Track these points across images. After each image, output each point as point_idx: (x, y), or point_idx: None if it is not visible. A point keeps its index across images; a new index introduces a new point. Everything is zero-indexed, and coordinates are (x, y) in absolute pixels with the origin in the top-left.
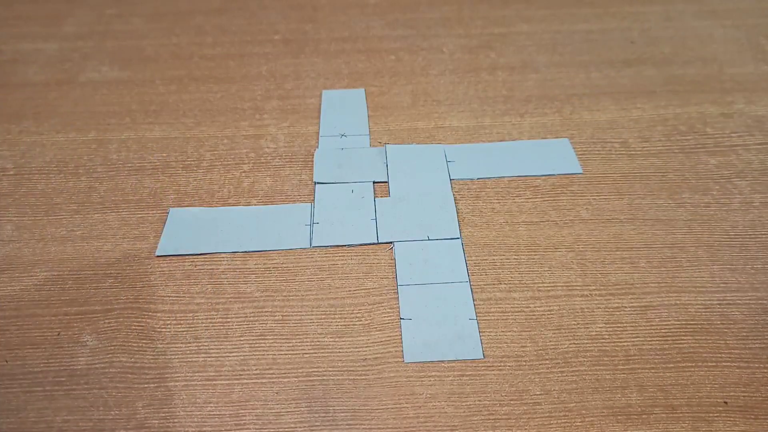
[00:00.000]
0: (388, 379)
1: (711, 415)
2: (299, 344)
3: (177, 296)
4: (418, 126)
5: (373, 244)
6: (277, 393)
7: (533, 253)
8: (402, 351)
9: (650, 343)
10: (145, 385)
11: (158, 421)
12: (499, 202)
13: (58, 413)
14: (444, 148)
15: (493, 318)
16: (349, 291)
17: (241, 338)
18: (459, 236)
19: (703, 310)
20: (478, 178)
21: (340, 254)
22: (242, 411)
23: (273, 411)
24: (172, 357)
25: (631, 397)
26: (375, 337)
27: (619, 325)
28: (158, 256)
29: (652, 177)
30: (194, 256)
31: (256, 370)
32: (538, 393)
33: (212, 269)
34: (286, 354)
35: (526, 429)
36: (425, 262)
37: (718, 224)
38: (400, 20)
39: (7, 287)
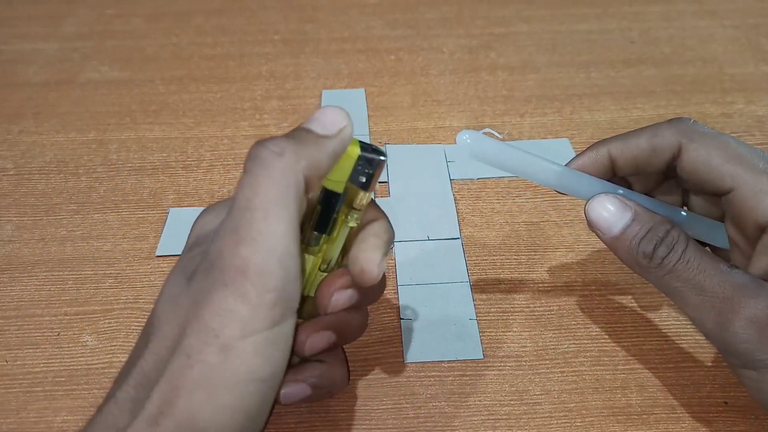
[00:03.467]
0: (388, 379)
1: (711, 415)
2: None
3: None
4: (418, 126)
5: None
6: None
7: (533, 253)
8: (402, 351)
9: (650, 343)
10: None
11: None
12: (499, 202)
13: (58, 413)
14: (444, 148)
15: (493, 318)
16: None
17: None
18: (459, 236)
19: None
20: (478, 178)
21: None
22: None
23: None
24: None
25: (631, 397)
26: (375, 337)
27: (619, 325)
28: (158, 256)
29: None
30: None
31: None
32: (538, 393)
33: None
34: None
35: (526, 429)
36: (425, 262)
37: None
38: (400, 20)
39: (7, 287)
